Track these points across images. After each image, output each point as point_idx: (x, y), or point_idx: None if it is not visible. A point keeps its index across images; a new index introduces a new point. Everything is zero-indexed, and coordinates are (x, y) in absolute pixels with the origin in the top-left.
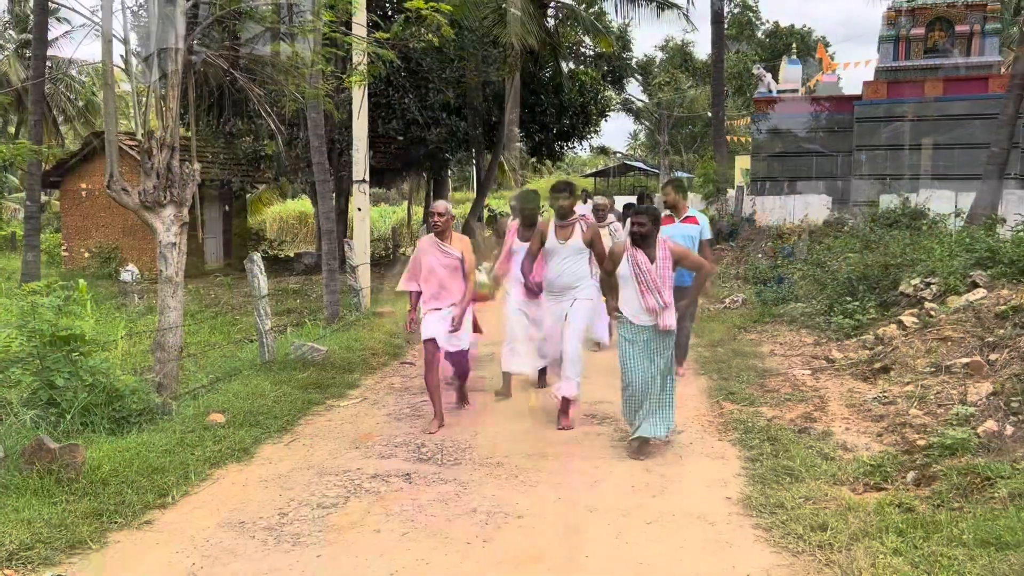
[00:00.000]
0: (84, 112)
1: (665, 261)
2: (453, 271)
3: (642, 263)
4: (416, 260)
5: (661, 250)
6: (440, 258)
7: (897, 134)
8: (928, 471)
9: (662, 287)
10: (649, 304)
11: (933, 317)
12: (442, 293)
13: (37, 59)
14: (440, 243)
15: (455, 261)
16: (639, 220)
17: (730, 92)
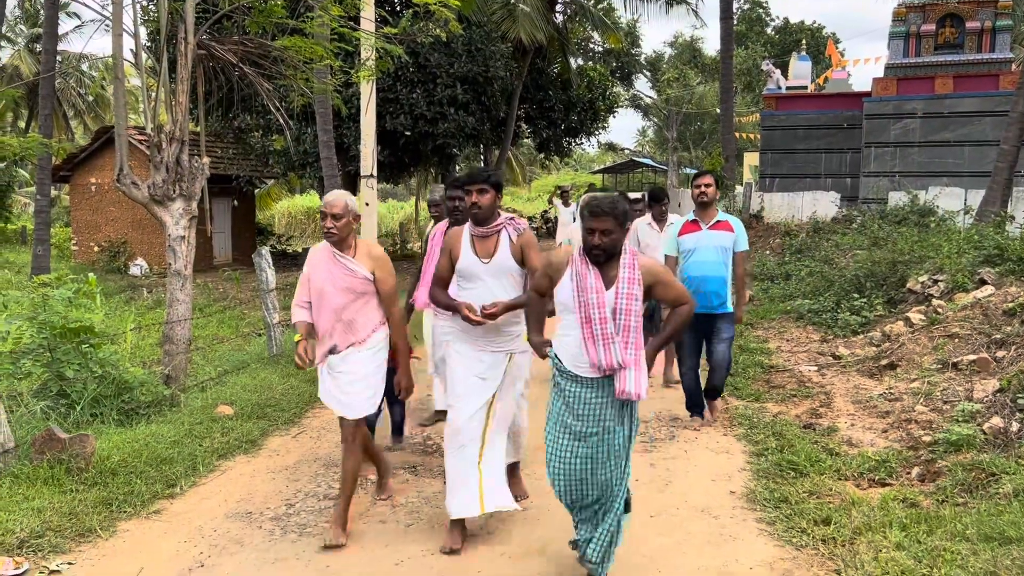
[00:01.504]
0: (94, 107)
1: (631, 287)
2: (358, 297)
3: (592, 289)
4: (304, 280)
5: (626, 270)
6: (337, 277)
7: (906, 131)
8: (933, 467)
9: (617, 333)
10: (595, 358)
11: (940, 314)
12: (339, 330)
13: (47, 54)
14: (337, 254)
15: (361, 283)
16: (597, 224)
17: (739, 88)
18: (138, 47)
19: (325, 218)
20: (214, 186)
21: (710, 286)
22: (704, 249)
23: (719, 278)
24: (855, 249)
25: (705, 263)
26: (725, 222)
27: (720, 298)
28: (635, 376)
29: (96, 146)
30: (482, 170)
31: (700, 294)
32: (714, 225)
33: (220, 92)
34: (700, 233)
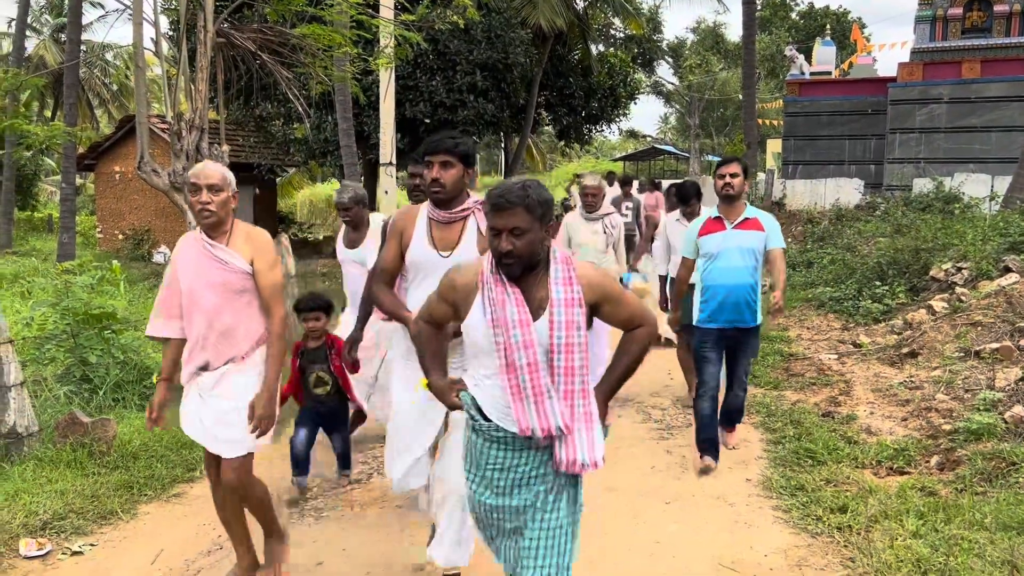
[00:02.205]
0: (118, 96)
1: (569, 312)
2: (236, 297)
3: (513, 322)
4: (172, 275)
5: (561, 288)
6: (208, 270)
7: (932, 117)
8: (952, 456)
9: (556, 382)
10: (524, 420)
11: (964, 302)
12: (213, 341)
13: (72, 43)
14: (209, 243)
15: (239, 277)
16: (502, 220)
17: (762, 75)
18: (158, 35)
19: (198, 191)
20: (236, 174)
21: (737, 296)
22: (729, 253)
23: (746, 286)
24: (878, 236)
25: (730, 270)
26: (754, 220)
27: (750, 309)
28: (585, 438)
29: (120, 135)
30: (447, 135)
31: (726, 306)
32: (741, 223)
33: (240, 81)
34: (724, 233)
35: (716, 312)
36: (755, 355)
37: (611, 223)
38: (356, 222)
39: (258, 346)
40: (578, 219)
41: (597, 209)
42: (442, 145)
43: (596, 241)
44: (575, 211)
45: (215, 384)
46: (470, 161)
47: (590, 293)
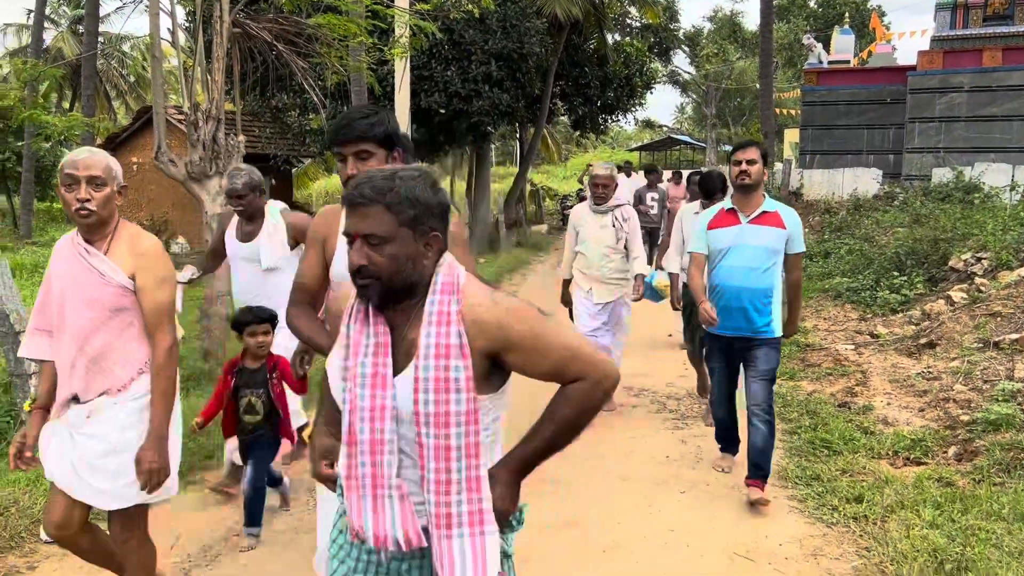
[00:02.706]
0: (135, 87)
1: (443, 365)
2: (111, 317)
3: (363, 371)
4: (46, 283)
5: (434, 327)
6: (83, 282)
7: (952, 105)
8: (970, 446)
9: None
10: (356, 520)
11: (983, 292)
12: (81, 365)
13: (89, 35)
14: (85, 248)
15: (115, 293)
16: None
17: (779, 64)
18: (175, 26)
19: (74, 185)
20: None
21: (747, 300)
22: (742, 250)
23: (760, 290)
24: (896, 227)
25: (742, 269)
26: (774, 214)
27: (762, 317)
28: (469, 552)
29: (137, 126)
30: (358, 115)
31: (732, 311)
32: (759, 217)
33: (256, 72)
34: (739, 228)
35: (722, 317)
36: (773, 376)
37: (622, 216)
38: (251, 212)
39: (139, 376)
40: (585, 212)
41: (607, 200)
42: (352, 132)
43: (604, 236)
44: (583, 203)
45: (86, 420)
46: (392, 142)
47: (482, 337)
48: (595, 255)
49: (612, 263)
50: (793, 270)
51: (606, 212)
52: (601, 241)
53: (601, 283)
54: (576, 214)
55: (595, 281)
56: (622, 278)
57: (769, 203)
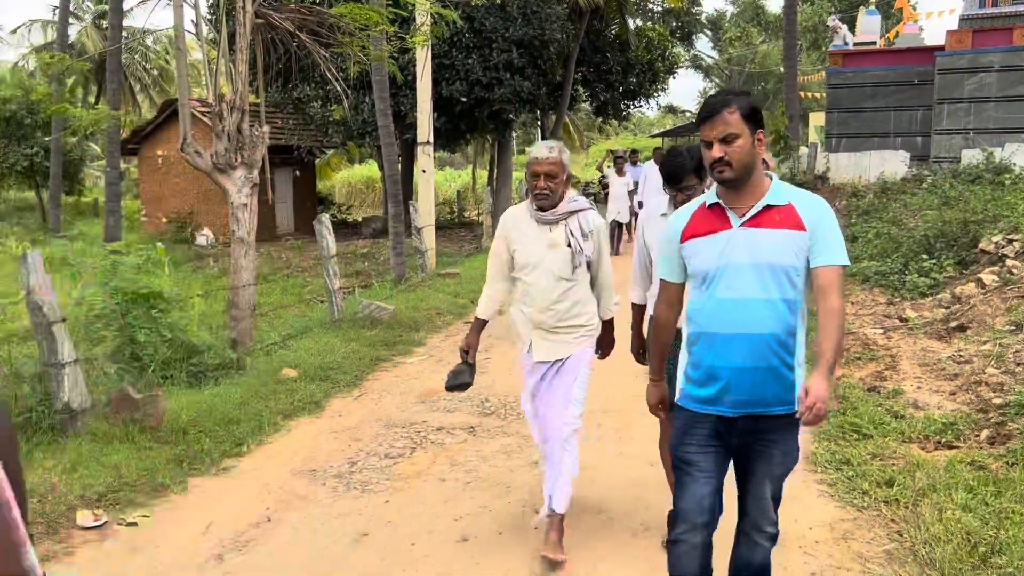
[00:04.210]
0: (159, 80)
1: None
2: None
3: None
4: None
5: None
6: None
7: (982, 86)
8: (1003, 429)
9: None
10: None
11: (1015, 275)
12: None
13: (113, 29)
14: None
15: None
16: None
17: (804, 46)
18: (198, 18)
19: None
20: (275, 157)
21: (752, 355)
22: (736, 272)
23: (773, 337)
24: (925, 209)
25: (738, 305)
26: (786, 207)
27: (779, 382)
28: None
29: (162, 119)
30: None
31: (731, 376)
32: (760, 215)
33: (279, 62)
34: (728, 235)
35: (714, 385)
36: (792, 466)
37: (583, 226)
38: None
39: None
40: (523, 219)
41: (556, 202)
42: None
43: (554, 260)
44: (520, 205)
45: None
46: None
47: None
48: (538, 288)
49: (563, 302)
50: (827, 294)
51: (556, 221)
52: (547, 266)
53: (545, 332)
54: (509, 222)
55: (536, 328)
56: (581, 326)
57: (778, 190)
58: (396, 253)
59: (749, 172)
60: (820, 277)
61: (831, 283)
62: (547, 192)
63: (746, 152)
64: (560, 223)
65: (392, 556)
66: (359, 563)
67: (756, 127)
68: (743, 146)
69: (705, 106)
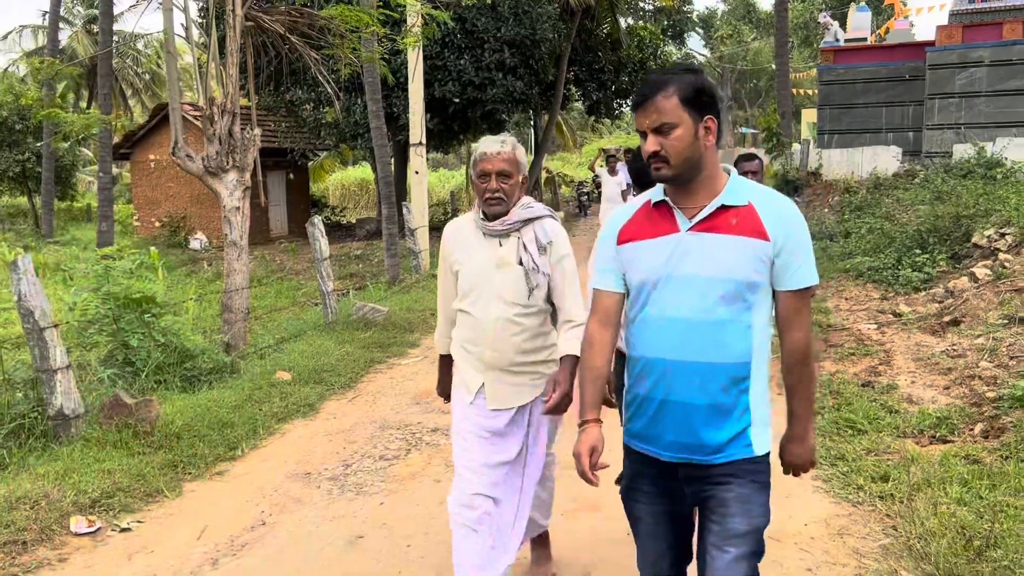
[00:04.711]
0: (151, 85)
1: None
2: None
3: None
4: None
5: None
6: None
7: (972, 81)
8: (997, 423)
9: None
10: None
11: (1007, 268)
12: None
13: (104, 33)
14: None
15: None
16: None
17: (795, 43)
18: (188, 21)
19: None
20: (268, 160)
21: (688, 389)
22: (682, 283)
23: (720, 367)
24: (917, 204)
25: (680, 325)
26: (745, 209)
27: (727, 422)
28: None
29: (153, 123)
30: None
31: (667, 410)
32: (712, 217)
33: (271, 65)
34: (673, 240)
35: (650, 420)
36: (758, 538)
37: (540, 238)
38: None
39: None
40: (468, 231)
41: (507, 208)
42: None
43: (504, 282)
44: (464, 216)
45: None
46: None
47: None
48: (488, 319)
49: (520, 335)
50: (791, 326)
51: (506, 233)
52: (496, 291)
53: (501, 372)
54: (451, 236)
55: (489, 369)
56: (542, 363)
57: (737, 188)
58: (390, 255)
59: (695, 168)
60: (784, 304)
61: (797, 311)
62: (500, 196)
63: (687, 144)
64: (512, 235)
65: (387, 558)
66: (354, 565)
67: (703, 112)
68: (682, 137)
69: (646, 84)
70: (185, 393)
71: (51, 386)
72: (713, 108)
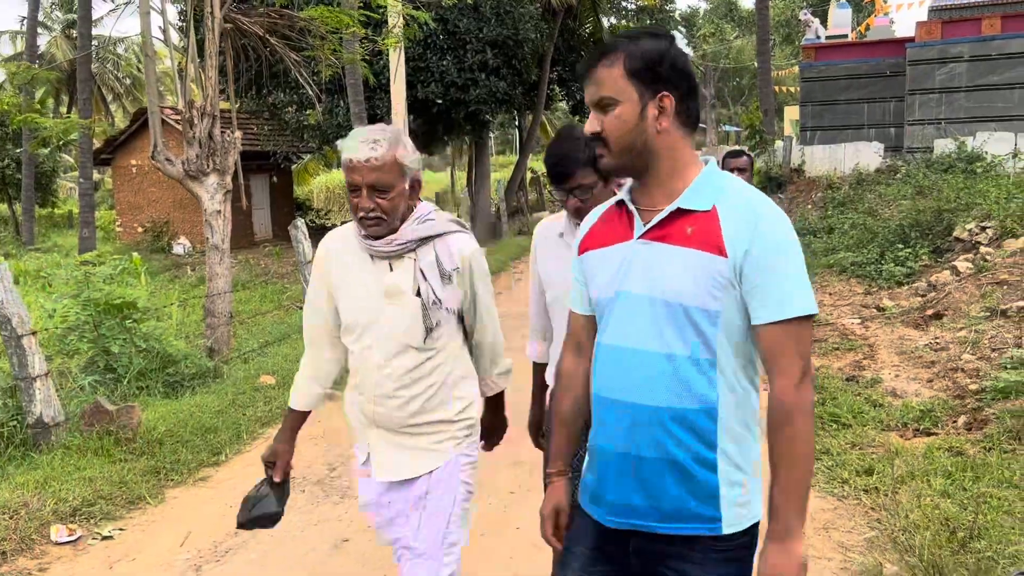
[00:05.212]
0: (132, 90)
1: None
2: None
3: None
4: None
5: None
6: None
7: (952, 76)
8: (980, 415)
9: None
10: None
11: (988, 261)
12: None
13: (83, 38)
14: None
15: None
16: None
17: (777, 41)
18: (166, 24)
19: None
20: (252, 163)
21: (632, 438)
22: (630, 306)
23: (663, 415)
24: (899, 199)
25: (625, 356)
26: (707, 215)
27: (682, 483)
28: None
29: (134, 128)
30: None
31: (610, 463)
32: (666, 224)
33: (251, 69)
34: (624, 250)
35: (597, 475)
36: None
37: (442, 260)
38: None
39: None
40: (350, 250)
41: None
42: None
43: (395, 317)
44: (346, 227)
45: None
46: None
47: None
48: (372, 363)
49: (415, 386)
50: (773, 368)
51: (398, 254)
52: (385, 329)
53: (390, 433)
54: (329, 252)
55: (374, 427)
56: (449, 422)
57: (703, 186)
58: None
59: (642, 157)
60: (762, 340)
61: (780, 350)
62: (378, 216)
63: (630, 127)
64: (405, 257)
65: (372, 561)
66: (339, 569)
67: (656, 87)
68: (623, 117)
69: (586, 60)
70: (168, 399)
71: (30, 394)
72: (675, 83)
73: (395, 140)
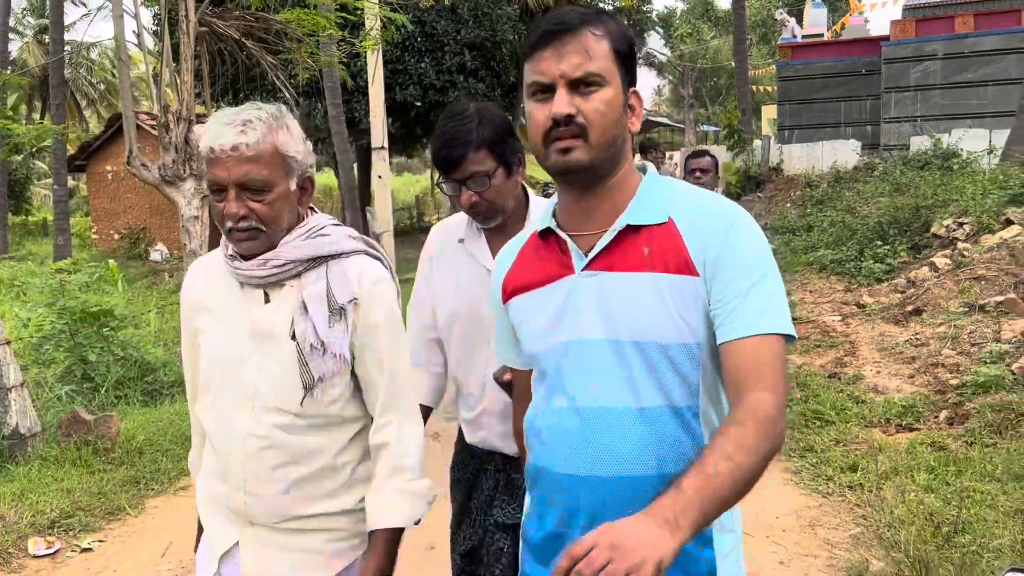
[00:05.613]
0: (106, 95)
1: None
2: None
3: None
4: None
5: None
6: None
7: (927, 74)
8: (961, 409)
9: None
10: None
11: (966, 257)
12: None
13: (55, 43)
14: None
15: None
16: None
17: (754, 41)
18: (139, 27)
19: None
20: None
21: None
22: (585, 356)
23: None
24: (877, 197)
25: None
26: (663, 228)
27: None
28: None
29: (109, 134)
30: None
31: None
32: (614, 247)
33: (227, 72)
34: (566, 286)
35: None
36: None
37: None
38: None
39: None
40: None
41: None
42: None
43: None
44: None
45: None
46: None
47: None
48: (232, 434)
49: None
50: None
51: (274, 280)
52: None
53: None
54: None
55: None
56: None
57: (650, 196)
58: None
59: (615, 159)
60: (734, 358)
61: (761, 362)
62: (252, 227)
63: (615, 116)
64: (286, 284)
65: None
66: None
67: (631, 79)
68: (612, 103)
69: (549, 17)
70: (147, 407)
71: (5, 404)
72: (635, 79)
73: (275, 122)
